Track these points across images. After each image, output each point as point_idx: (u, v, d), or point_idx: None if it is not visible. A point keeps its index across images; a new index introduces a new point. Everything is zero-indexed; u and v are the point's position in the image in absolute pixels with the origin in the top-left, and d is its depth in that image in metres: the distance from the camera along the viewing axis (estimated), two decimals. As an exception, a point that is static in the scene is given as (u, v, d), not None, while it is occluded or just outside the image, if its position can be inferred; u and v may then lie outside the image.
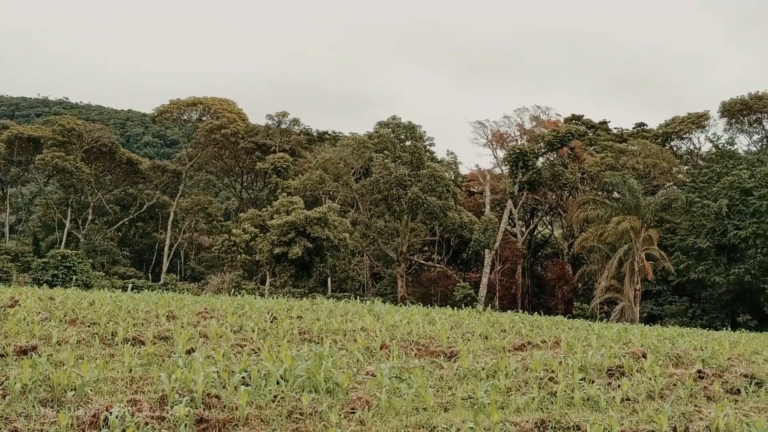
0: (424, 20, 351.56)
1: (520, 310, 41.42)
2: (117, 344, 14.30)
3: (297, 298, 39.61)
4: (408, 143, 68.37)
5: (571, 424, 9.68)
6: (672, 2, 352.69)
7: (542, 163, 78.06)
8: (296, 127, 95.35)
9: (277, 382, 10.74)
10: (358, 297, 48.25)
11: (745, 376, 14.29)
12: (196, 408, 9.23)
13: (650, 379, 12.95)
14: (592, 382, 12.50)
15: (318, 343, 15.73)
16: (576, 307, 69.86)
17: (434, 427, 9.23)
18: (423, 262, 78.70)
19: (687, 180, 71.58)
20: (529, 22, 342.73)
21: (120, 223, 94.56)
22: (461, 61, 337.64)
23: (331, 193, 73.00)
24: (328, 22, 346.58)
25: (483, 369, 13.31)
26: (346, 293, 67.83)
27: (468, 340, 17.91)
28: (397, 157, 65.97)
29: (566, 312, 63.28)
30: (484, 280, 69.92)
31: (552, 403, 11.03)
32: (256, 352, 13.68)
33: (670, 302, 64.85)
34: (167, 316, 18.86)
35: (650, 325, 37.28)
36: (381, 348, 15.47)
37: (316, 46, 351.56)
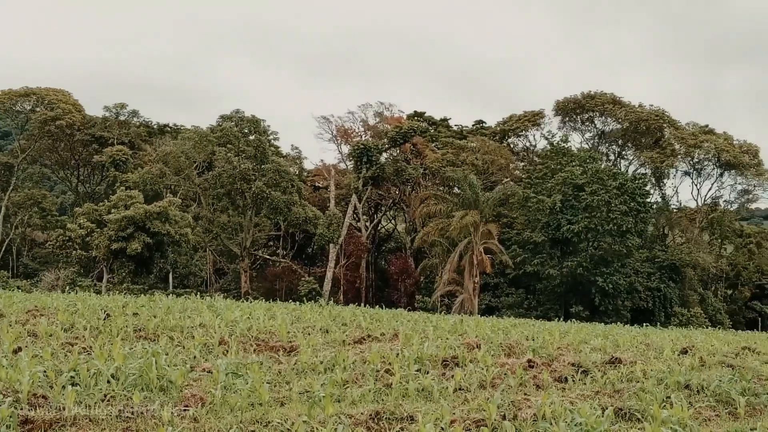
0: (259, 17, 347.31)
1: (364, 304, 41.77)
2: (-63, 345, 13.50)
3: (136, 295, 38.51)
4: (252, 137, 67.70)
5: (405, 414, 9.81)
6: (506, 2, 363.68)
7: (386, 158, 78.95)
8: (135, 119, 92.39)
9: (108, 381, 10.38)
10: (200, 293, 47.46)
11: (573, 364, 14.88)
12: (21, 408, 8.83)
13: (483, 369, 13.30)
14: (427, 372, 12.73)
15: (154, 340, 15.35)
16: (418, 300, 71.04)
17: (269, 422, 9.16)
18: (268, 257, 78.21)
19: (523, 176, 74.10)
20: (366, 20, 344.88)
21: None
22: (302, 57, 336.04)
23: (172, 187, 71.35)
24: (164, 15, 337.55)
25: (321, 363, 13.33)
26: (188, 289, 66.56)
27: (308, 334, 17.90)
28: (241, 151, 65.25)
29: (409, 305, 64.20)
30: (329, 275, 70.18)
31: (387, 395, 11.16)
32: (87, 351, 13.19)
33: (507, 294, 67.00)
34: (-6, 314, 17.98)
35: (488, 317, 38.40)
36: (219, 344, 15.25)
37: (152, 39, 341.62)
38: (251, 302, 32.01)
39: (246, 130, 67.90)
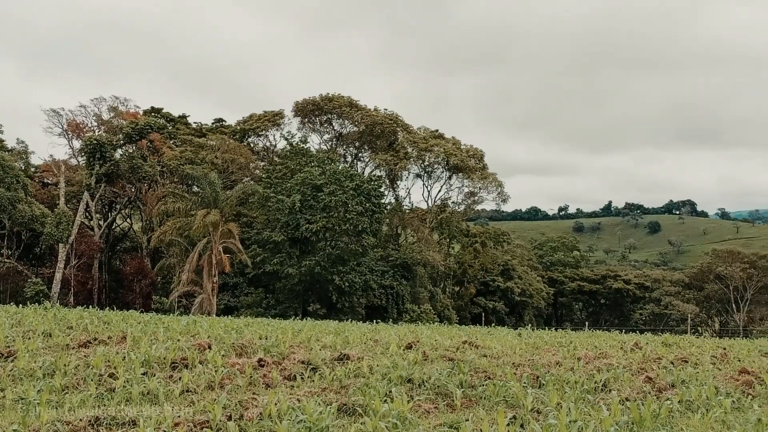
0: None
1: (96, 306, 40.19)
2: None
3: None
4: (-28, 129, 63.07)
5: (127, 419, 9.59)
6: (244, 3, 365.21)
7: (121, 155, 76.26)
8: None
9: None
10: None
11: (303, 362, 15.12)
12: None
13: (212, 369, 13.23)
14: (154, 375, 12.48)
15: None
16: (155, 301, 69.39)
17: (-24, 433, 8.64)
18: (-10, 257, 73.24)
19: (263, 176, 74.17)
20: (99, 14, 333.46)
21: None
22: (30, 49, 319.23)
23: None
24: None
25: (41, 368, 12.71)
26: None
27: (29, 338, 16.96)
28: (-40, 144, 60.68)
29: (145, 306, 62.66)
30: (58, 276, 66.80)
31: (110, 400, 10.83)
32: None
33: (247, 294, 66.86)
34: None
35: (226, 317, 38.18)
36: (-74, 352, 14.13)
37: None
38: (-32, 306, 29.87)
39: (-35, 122, 63.10)
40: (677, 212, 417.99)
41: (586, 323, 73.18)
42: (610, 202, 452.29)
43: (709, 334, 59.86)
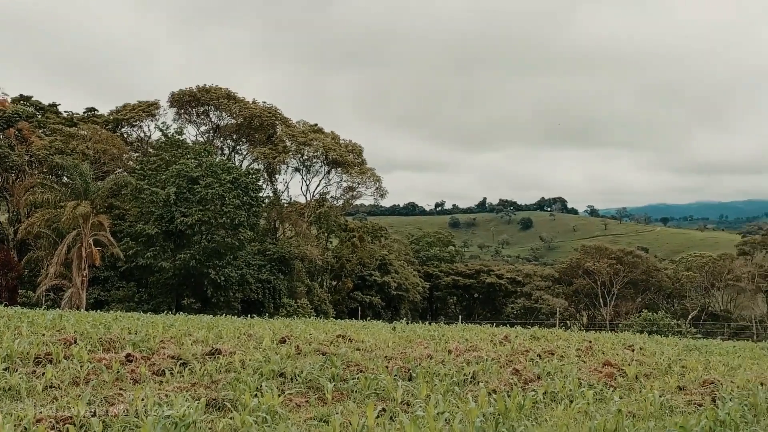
0: None
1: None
2: None
3: None
4: None
5: (-15, 416, 9.29)
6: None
7: (-13, 143, 73.35)
8: None
9: None
10: None
11: (173, 357, 14.93)
12: None
13: (78, 365, 12.93)
14: (16, 371, 12.12)
15: None
16: (21, 295, 66.93)
17: None
18: None
19: (137, 167, 72.53)
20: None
21: None
22: None
23: None
24: None
25: None
26: None
27: None
28: None
29: (10, 300, 60.46)
30: None
31: (-31, 397, 10.49)
32: None
33: (118, 288, 65.29)
34: None
35: (96, 311, 37.29)
36: None
37: None
38: None
39: None
40: (548, 209, 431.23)
41: (460, 317, 74.59)
42: (485, 199, 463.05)
43: (577, 327, 61.80)
